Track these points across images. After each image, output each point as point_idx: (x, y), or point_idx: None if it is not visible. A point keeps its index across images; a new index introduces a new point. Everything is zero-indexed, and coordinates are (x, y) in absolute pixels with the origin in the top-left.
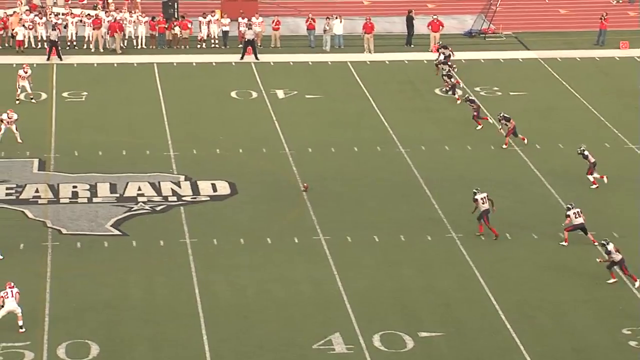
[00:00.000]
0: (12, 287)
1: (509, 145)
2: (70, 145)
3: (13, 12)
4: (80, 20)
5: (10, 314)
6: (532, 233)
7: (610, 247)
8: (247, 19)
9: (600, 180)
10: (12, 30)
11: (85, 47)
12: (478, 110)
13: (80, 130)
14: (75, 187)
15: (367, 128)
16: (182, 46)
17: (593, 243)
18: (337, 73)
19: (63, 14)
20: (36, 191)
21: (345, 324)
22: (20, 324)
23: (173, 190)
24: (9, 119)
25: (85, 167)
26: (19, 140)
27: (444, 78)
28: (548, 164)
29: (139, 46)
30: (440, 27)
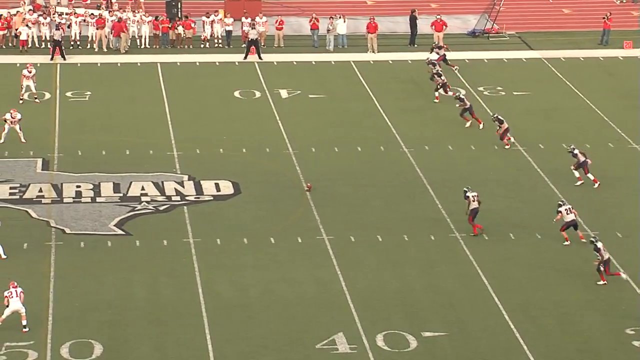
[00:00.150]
0: (16, 287)
1: (511, 145)
2: (74, 144)
3: (16, 12)
4: (84, 20)
5: (15, 313)
6: (536, 233)
7: (599, 245)
8: (251, 19)
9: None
10: (16, 30)
11: (89, 47)
12: (469, 109)
13: (83, 129)
14: (78, 187)
15: (371, 128)
16: (186, 46)
17: (581, 239)
18: (341, 73)
19: (66, 14)
20: (40, 191)
21: (348, 324)
22: (24, 323)
23: (176, 190)
24: (13, 118)
25: (88, 167)
26: (23, 139)
27: (435, 77)
28: (551, 164)
29: (143, 46)
30: (444, 27)
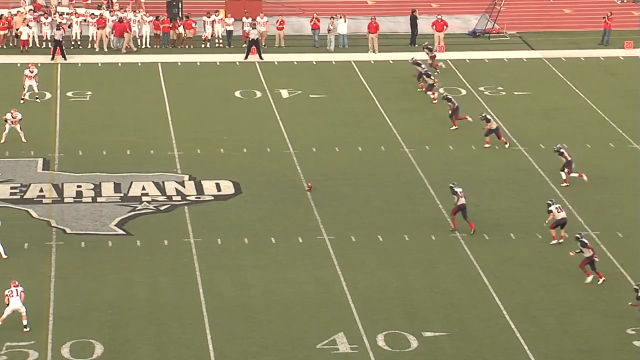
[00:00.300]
0: (17, 286)
1: (510, 144)
2: (75, 144)
3: (17, 12)
4: (85, 20)
5: (15, 313)
6: (536, 233)
7: (585, 241)
8: (252, 19)
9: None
10: (17, 29)
11: (90, 47)
12: (457, 111)
13: (84, 129)
14: (79, 187)
15: (371, 128)
16: (186, 46)
17: (561, 239)
18: (342, 73)
19: (67, 14)
20: (40, 191)
21: (349, 324)
22: (25, 323)
23: (177, 189)
24: (13, 118)
25: (89, 167)
26: (24, 139)
27: (423, 77)
28: (552, 164)
29: (143, 46)
30: (445, 27)
